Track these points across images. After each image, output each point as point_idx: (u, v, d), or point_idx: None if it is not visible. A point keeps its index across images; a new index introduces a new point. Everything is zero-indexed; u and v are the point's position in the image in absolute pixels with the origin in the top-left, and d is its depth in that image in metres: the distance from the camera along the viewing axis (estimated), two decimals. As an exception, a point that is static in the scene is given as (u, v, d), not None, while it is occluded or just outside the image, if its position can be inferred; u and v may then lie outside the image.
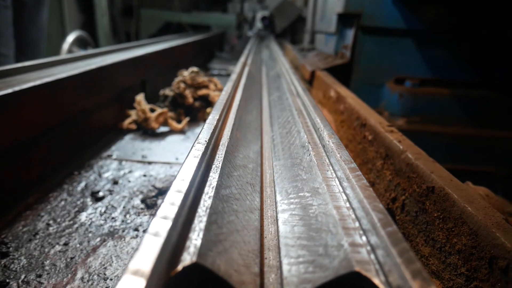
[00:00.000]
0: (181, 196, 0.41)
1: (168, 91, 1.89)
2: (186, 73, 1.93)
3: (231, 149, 0.67)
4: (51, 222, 0.91)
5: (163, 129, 1.66)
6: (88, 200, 1.02)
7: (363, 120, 1.16)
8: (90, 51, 2.02)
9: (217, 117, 0.75)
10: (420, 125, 2.11)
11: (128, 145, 1.45)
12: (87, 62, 1.59)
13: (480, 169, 2.11)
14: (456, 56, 2.20)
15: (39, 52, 3.05)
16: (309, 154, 0.66)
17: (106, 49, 2.10)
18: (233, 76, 1.31)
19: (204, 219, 0.41)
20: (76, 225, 0.90)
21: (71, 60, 1.62)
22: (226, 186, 0.53)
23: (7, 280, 0.71)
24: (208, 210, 0.43)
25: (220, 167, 0.56)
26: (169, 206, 0.38)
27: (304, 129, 0.80)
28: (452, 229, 0.62)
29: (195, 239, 0.38)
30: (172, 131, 1.65)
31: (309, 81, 2.29)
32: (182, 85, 1.84)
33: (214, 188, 0.49)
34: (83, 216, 0.94)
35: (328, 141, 0.66)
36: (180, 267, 0.34)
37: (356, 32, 2.23)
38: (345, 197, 0.49)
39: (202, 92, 1.90)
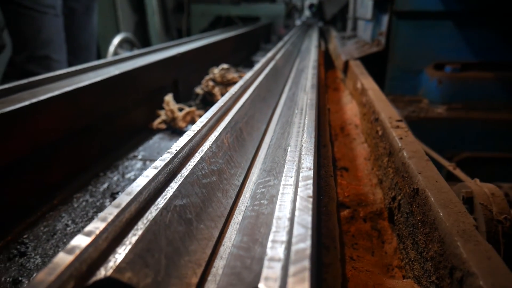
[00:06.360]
0: (116, 211, 0.43)
1: (199, 90, 1.94)
2: (216, 71, 1.97)
3: (209, 156, 0.68)
4: (69, 222, 0.98)
5: (192, 127, 1.71)
6: (107, 201, 1.09)
7: (376, 114, 1.13)
8: (132, 52, 2.11)
9: (204, 122, 0.77)
10: (462, 112, 1.98)
11: (155, 145, 1.52)
12: (117, 66, 1.67)
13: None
14: (502, 36, 2.03)
15: (90, 55, 3.26)
16: (284, 159, 0.66)
17: (144, 51, 2.18)
18: (248, 75, 1.31)
19: (139, 232, 0.44)
20: (91, 226, 0.96)
21: (107, 65, 1.71)
22: (185, 196, 0.55)
23: (20, 278, 0.78)
24: (148, 223, 0.46)
25: (185, 176, 0.58)
26: (98, 223, 0.41)
27: (294, 131, 0.80)
28: (428, 234, 0.59)
29: (119, 253, 0.40)
30: (200, 129, 1.69)
31: (344, 71, 2.24)
32: (211, 83, 1.88)
33: (167, 198, 0.51)
34: (99, 217, 1.00)
35: (302, 145, 0.66)
36: (90, 282, 0.36)
37: (390, 18, 2.14)
38: (291, 207, 0.49)
39: (232, 88, 1.93)
